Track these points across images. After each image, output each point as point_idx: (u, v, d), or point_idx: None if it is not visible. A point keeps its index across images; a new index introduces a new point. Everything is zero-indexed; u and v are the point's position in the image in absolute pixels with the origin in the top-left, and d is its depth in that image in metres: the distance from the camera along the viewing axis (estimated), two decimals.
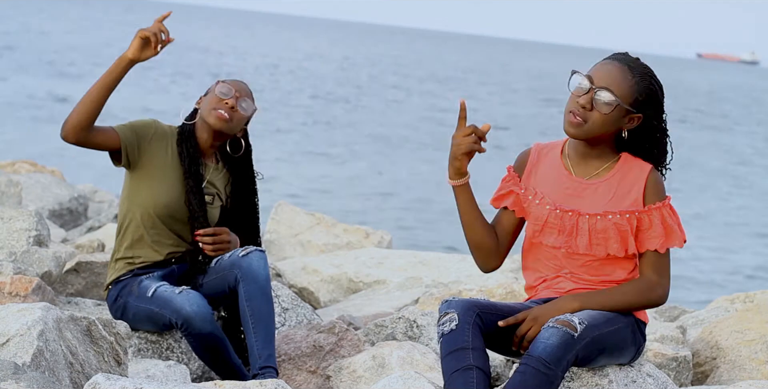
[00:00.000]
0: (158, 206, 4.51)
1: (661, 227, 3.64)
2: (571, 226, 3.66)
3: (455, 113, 3.86)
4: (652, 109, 3.65)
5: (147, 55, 4.32)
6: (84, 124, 4.32)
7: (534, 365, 3.35)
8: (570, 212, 3.66)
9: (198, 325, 4.28)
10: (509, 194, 3.79)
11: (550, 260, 3.73)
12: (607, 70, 3.62)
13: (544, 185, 3.73)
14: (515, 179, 3.79)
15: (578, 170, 3.72)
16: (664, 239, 3.65)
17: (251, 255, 4.41)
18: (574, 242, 3.67)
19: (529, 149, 3.83)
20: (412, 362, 4.32)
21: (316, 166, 22.84)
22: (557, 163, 3.74)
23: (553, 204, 3.69)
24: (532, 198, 3.73)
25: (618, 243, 3.64)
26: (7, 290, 4.52)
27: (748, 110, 57.80)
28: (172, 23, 4.62)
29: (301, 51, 76.79)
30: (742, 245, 18.39)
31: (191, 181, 4.51)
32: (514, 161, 3.87)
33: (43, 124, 24.60)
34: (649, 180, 3.66)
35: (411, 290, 6.07)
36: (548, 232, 3.70)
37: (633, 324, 3.64)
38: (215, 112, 4.51)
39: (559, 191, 3.71)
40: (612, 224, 3.63)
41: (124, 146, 4.46)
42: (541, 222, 3.70)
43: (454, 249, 13.12)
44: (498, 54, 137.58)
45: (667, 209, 3.65)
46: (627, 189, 3.66)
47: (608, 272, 3.69)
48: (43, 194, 8.07)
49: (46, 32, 62.44)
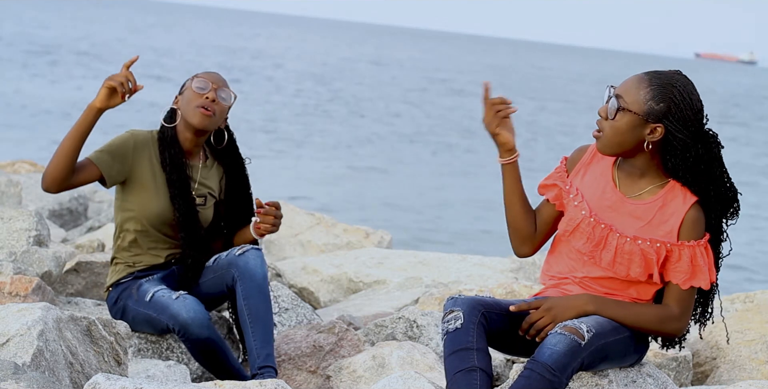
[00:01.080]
0: (150, 216, 4.49)
1: (690, 264, 3.56)
2: (600, 238, 3.61)
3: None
4: (673, 119, 3.50)
5: (115, 103, 4.28)
6: (62, 176, 4.30)
7: (539, 371, 3.34)
8: (603, 224, 3.62)
9: (195, 331, 4.27)
10: (554, 186, 3.76)
11: (573, 261, 3.71)
12: (628, 81, 3.58)
13: (587, 188, 3.69)
14: (563, 174, 3.76)
15: (624, 185, 3.65)
16: (689, 277, 3.57)
17: (248, 254, 4.40)
18: (599, 255, 3.62)
19: (586, 146, 3.77)
20: (412, 362, 4.32)
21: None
22: (607, 171, 3.69)
23: (589, 211, 3.64)
24: (572, 197, 3.69)
25: (641, 268, 3.58)
26: (7, 290, 4.52)
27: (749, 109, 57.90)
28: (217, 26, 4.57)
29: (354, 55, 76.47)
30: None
31: (175, 189, 4.48)
32: (571, 152, 3.82)
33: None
34: (689, 215, 3.56)
35: (411, 290, 6.07)
36: (578, 236, 3.66)
37: (638, 333, 3.62)
38: (198, 110, 4.48)
39: (599, 200, 3.66)
40: (639, 250, 3.57)
41: (106, 173, 4.42)
42: (573, 224, 3.67)
43: (453, 245, 13.15)
44: (505, 55, 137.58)
45: (701, 248, 3.56)
46: (665, 218, 3.58)
47: (622, 289, 3.65)
48: (43, 194, 8.07)
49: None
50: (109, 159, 4.43)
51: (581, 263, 3.68)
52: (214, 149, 4.66)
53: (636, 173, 3.63)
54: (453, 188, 21.17)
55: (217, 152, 4.66)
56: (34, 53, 43.14)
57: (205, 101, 4.48)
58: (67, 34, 61.47)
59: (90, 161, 4.40)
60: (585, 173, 3.72)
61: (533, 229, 3.77)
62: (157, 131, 4.57)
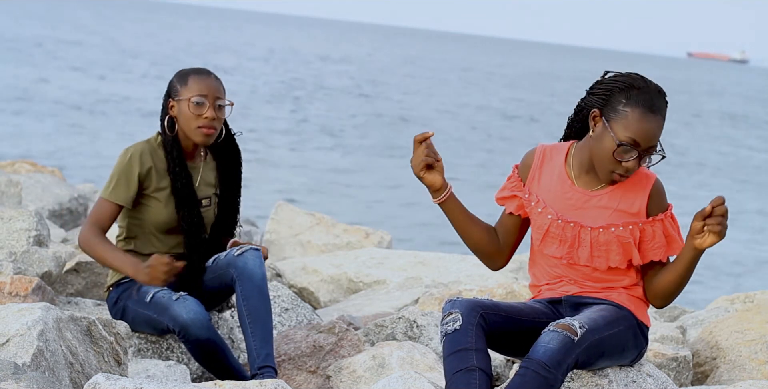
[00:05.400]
0: (159, 224, 4.49)
1: (663, 237, 3.63)
2: (573, 237, 3.64)
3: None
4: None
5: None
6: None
7: (534, 368, 3.35)
8: (572, 223, 3.64)
9: (195, 332, 4.26)
10: (512, 197, 3.77)
11: (552, 268, 3.73)
12: (656, 123, 3.56)
13: (546, 192, 3.70)
14: (519, 183, 3.76)
15: (582, 181, 3.68)
16: (666, 249, 3.64)
17: (246, 254, 4.40)
18: (575, 253, 3.65)
19: (533, 151, 3.77)
20: (412, 362, 4.32)
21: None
22: (561, 171, 3.70)
23: (555, 214, 3.66)
24: (534, 205, 3.70)
25: (620, 255, 3.62)
26: (7, 290, 4.52)
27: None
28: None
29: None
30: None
31: (180, 198, 4.46)
32: (521, 159, 3.82)
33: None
34: (653, 191, 3.63)
35: (411, 290, 6.07)
36: (549, 242, 3.68)
37: (634, 326, 3.63)
38: (200, 130, 4.42)
39: (561, 200, 3.68)
40: (614, 237, 3.60)
41: (128, 204, 4.45)
42: (542, 231, 3.68)
43: (452, 243, 13.12)
44: (508, 55, 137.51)
45: (668, 219, 3.63)
46: (631, 200, 3.63)
47: (609, 280, 3.68)
48: (43, 194, 8.07)
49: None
50: (124, 191, 4.43)
51: (561, 268, 3.70)
52: (214, 146, 4.63)
53: (592, 169, 3.64)
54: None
55: (214, 147, 4.63)
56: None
57: (205, 121, 4.42)
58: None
59: (109, 203, 4.42)
60: (540, 177, 3.73)
61: (497, 244, 3.79)
62: (154, 138, 4.52)
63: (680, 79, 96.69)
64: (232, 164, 4.62)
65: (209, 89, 4.44)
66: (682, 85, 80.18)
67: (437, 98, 44.29)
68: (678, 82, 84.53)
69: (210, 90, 4.43)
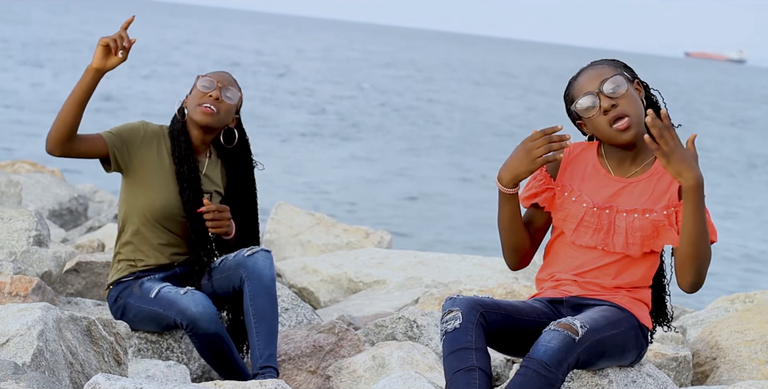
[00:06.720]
0: (155, 209, 4.50)
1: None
2: (608, 224, 3.66)
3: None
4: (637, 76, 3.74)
5: (112, 63, 4.30)
6: (64, 137, 4.33)
7: (534, 367, 3.35)
8: (607, 209, 3.66)
9: (204, 326, 4.28)
10: (543, 191, 3.78)
11: (572, 257, 3.72)
12: (595, 71, 3.69)
13: (580, 183, 3.74)
14: (548, 178, 3.78)
15: (617, 171, 3.73)
16: None
17: (257, 255, 4.42)
18: (611, 241, 3.66)
19: None
20: (412, 362, 4.32)
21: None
22: (595, 162, 3.76)
23: (590, 202, 3.69)
24: (568, 195, 3.72)
25: (655, 239, 3.63)
26: (7, 290, 4.52)
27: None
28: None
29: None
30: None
31: (185, 182, 4.51)
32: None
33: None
34: None
35: (411, 290, 6.07)
36: (583, 231, 3.69)
37: (636, 327, 3.63)
38: (200, 107, 4.51)
39: (596, 189, 3.72)
40: (649, 222, 3.62)
41: (112, 152, 4.45)
42: (576, 220, 3.69)
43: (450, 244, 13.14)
44: (504, 54, 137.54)
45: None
46: (665, 187, 3.66)
47: (626, 276, 3.68)
48: (43, 194, 8.07)
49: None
50: (119, 141, 4.48)
51: (582, 259, 3.69)
52: (222, 148, 4.66)
53: (629, 155, 3.70)
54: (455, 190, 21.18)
55: (224, 151, 4.67)
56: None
57: (207, 99, 4.51)
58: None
59: (100, 136, 4.46)
60: (571, 170, 3.77)
61: (531, 244, 3.81)
62: (167, 126, 4.61)
63: (678, 79, 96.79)
64: (243, 169, 4.66)
65: (218, 76, 4.59)
66: (681, 85, 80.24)
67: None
68: (677, 83, 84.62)
69: (219, 77, 4.59)
